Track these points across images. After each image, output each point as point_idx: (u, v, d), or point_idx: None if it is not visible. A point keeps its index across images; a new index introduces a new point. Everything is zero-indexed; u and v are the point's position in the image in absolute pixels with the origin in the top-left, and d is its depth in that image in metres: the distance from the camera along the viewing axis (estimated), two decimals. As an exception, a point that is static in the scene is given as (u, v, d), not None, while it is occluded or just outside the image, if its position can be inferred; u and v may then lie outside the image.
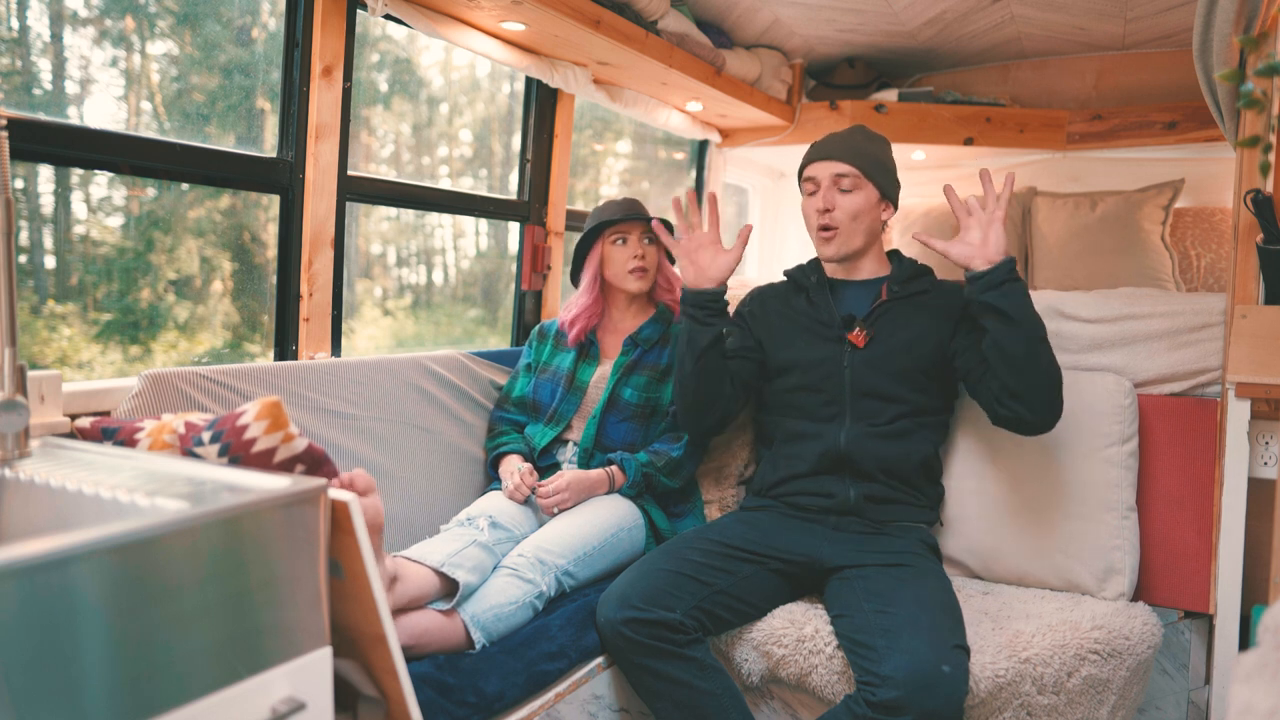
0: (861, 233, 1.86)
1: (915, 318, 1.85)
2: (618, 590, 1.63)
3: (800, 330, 1.91)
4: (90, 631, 0.73)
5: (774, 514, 1.86)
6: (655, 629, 1.56)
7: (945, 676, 1.40)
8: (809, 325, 1.90)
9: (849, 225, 1.85)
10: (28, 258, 1.75)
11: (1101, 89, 3.35)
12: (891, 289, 1.87)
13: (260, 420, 1.13)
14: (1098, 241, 3.06)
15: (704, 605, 1.62)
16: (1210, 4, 1.65)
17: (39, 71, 1.67)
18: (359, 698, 1.08)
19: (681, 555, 1.70)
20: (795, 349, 1.90)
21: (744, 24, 2.99)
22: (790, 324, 1.93)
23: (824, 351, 1.86)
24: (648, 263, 2.08)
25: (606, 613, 1.61)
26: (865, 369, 1.82)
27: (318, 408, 1.81)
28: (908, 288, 1.88)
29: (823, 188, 1.86)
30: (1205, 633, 1.85)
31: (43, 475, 1.01)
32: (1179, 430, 1.89)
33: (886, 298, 1.86)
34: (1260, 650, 0.60)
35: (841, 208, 1.84)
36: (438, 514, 1.98)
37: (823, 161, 1.87)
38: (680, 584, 1.63)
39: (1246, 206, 1.70)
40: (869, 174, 1.85)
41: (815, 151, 1.91)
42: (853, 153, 1.86)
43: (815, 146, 1.92)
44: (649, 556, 1.73)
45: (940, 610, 1.55)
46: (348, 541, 0.97)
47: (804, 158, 1.94)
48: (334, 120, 1.92)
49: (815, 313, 1.91)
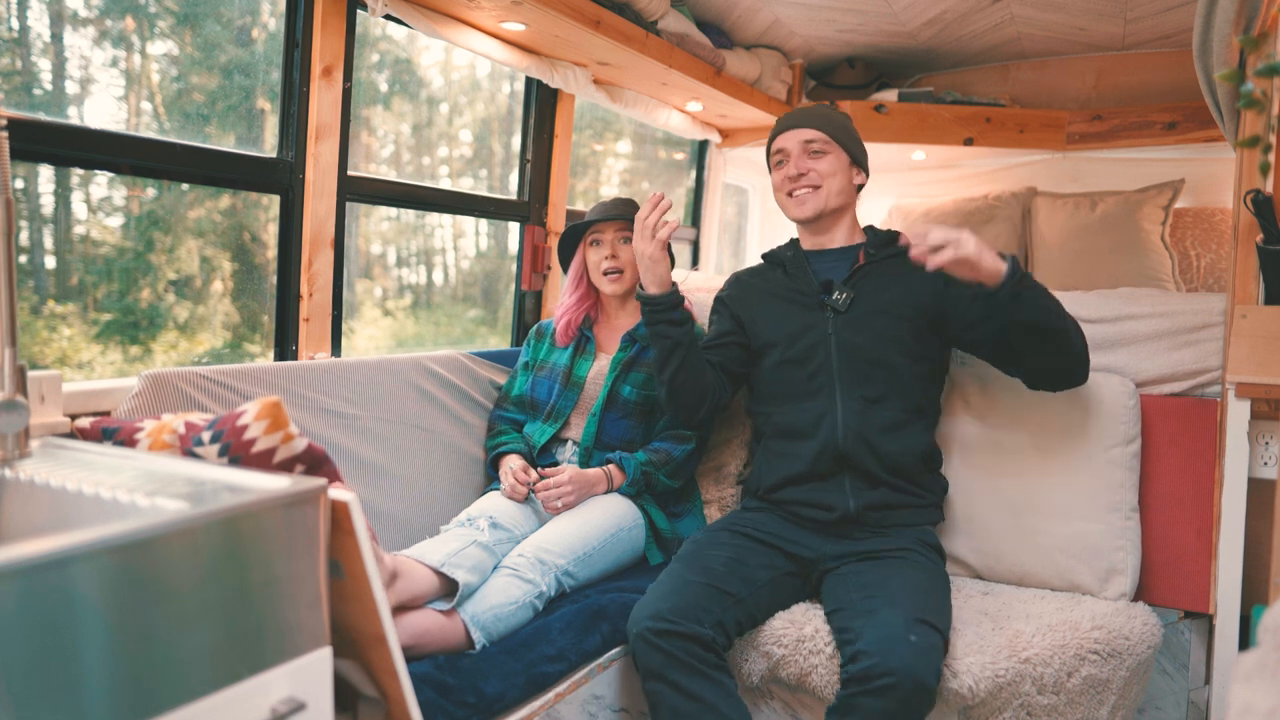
0: (836, 193, 1.88)
1: (895, 279, 1.85)
2: (650, 604, 1.59)
3: (780, 303, 1.91)
4: (90, 631, 0.73)
5: (774, 516, 1.85)
6: (688, 643, 1.53)
7: (911, 645, 1.41)
8: (788, 296, 1.91)
9: (826, 183, 1.87)
10: (28, 258, 1.75)
11: (1101, 89, 3.35)
12: (869, 253, 1.88)
13: (260, 420, 1.13)
14: (1098, 242, 3.06)
15: (727, 618, 1.60)
16: (1210, 4, 1.65)
17: (39, 71, 1.67)
18: (359, 698, 1.08)
19: (706, 565, 1.68)
20: (776, 323, 1.89)
21: (744, 24, 2.99)
22: (769, 299, 1.93)
23: (805, 320, 1.86)
24: (621, 261, 2.07)
25: (639, 626, 1.56)
26: (849, 332, 1.81)
27: (318, 408, 1.81)
28: (885, 251, 1.89)
29: (793, 155, 1.88)
30: (1205, 633, 1.85)
31: (43, 475, 1.01)
32: (1179, 430, 1.89)
33: (864, 261, 1.87)
34: (1260, 650, 0.60)
35: (815, 169, 1.87)
36: (437, 514, 1.98)
37: (790, 130, 1.90)
38: (709, 596, 1.60)
39: (1246, 207, 1.70)
40: (838, 139, 1.88)
41: (781, 124, 1.93)
42: (819, 120, 1.89)
43: (781, 120, 1.94)
44: (675, 568, 1.70)
45: (921, 592, 1.56)
46: (348, 541, 0.97)
47: (772, 133, 1.96)
48: (334, 120, 1.92)
49: (793, 283, 1.91)
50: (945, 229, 1.57)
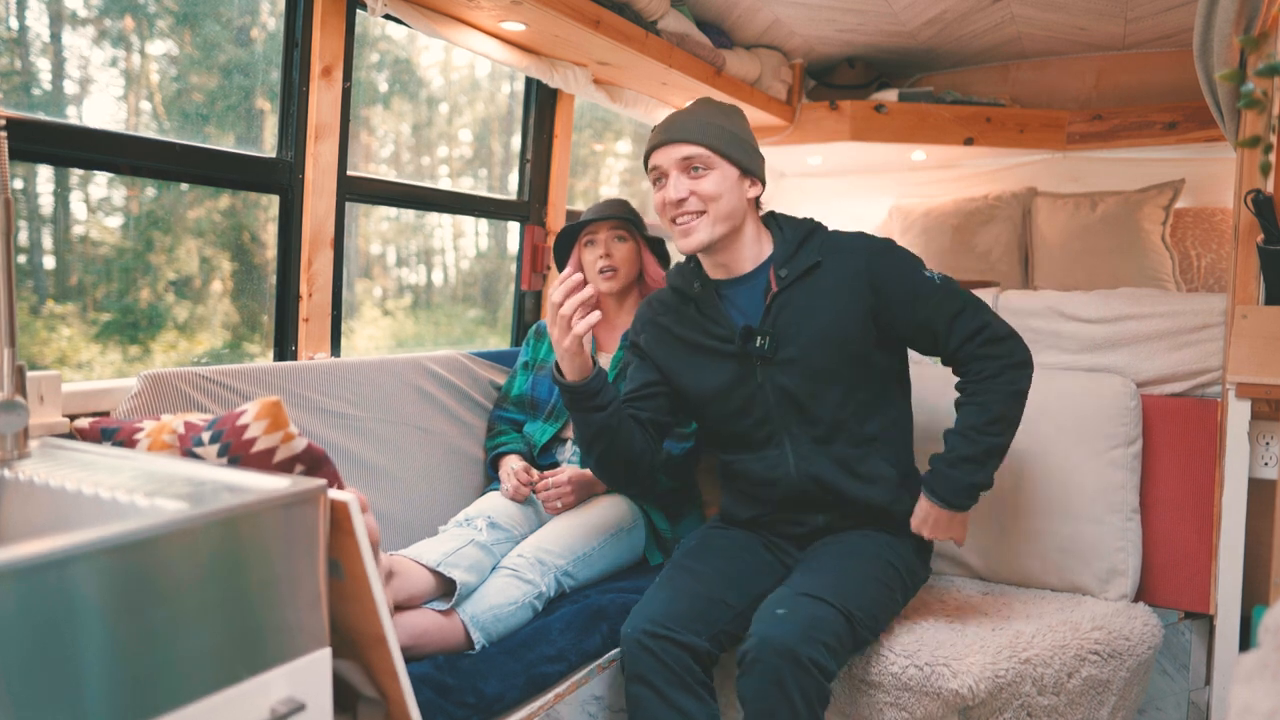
0: (724, 216, 1.62)
1: (817, 301, 1.63)
2: (649, 609, 1.56)
3: (702, 356, 1.71)
4: (90, 632, 0.73)
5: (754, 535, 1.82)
6: (682, 653, 1.51)
7: (777, 618, 1.43)
8: (709, 347, 1.70)
9: (711, 208, 1.61)
10: (27, 258, 1.75)
11: (1102, 89, 3.35)
12: (780, 276, 1.65)
13: (260, 420, 1.13)
14: (1098, 242, 3.06)
15: (723, 631, 1.58)
16: (1210, 4, 1.65)
17: (39, 71, 1.67)
18: (359, 698, 1.08)
19: (708, 570, 1.66)
20: (704, 377, 1.71)
21: (744, 24, 2.99)
22: (690, 351, 1.72)
23: (735, 372, 1.67)
24: (615, 260, 2.07)
25: (636, 629, 1.53)
26: (781, 377, 1.64)
27: (317, 408, 1.81)
28: (797, 265, 1.65)
29: (671, 176, 1.63)
30: (1206, 633, 1.85)
31: (42, 476, 1.01)
32: (1179, 431, 1.89)
33: (777, 288, 1.65)
34: (1261, 651, 0.60)
35: (698, 192, 1.61)
36: (437, 514, 1.98)
37: (666, 147, 1.63)
38: (709, 606, 1.58)
39: (1247, 207, 1.70)
40: (721, 150, 1.61)
41: (656, 135, 1.66)
42: (699, 130, 1.62)
43: (656, 130, 1.67)
44: (673, 574, 1.66)
45: (835, 575, 1.56)
46: (347, 542, 0.97)
47: (647, 145, 1.70)
48: (334, 120, 1.92)
49: (710, 326, 1.70)
50: (934, 527, 1.63)
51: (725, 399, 1.69)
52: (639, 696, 1.51)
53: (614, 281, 2.08)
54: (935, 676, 1.51)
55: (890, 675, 1.55)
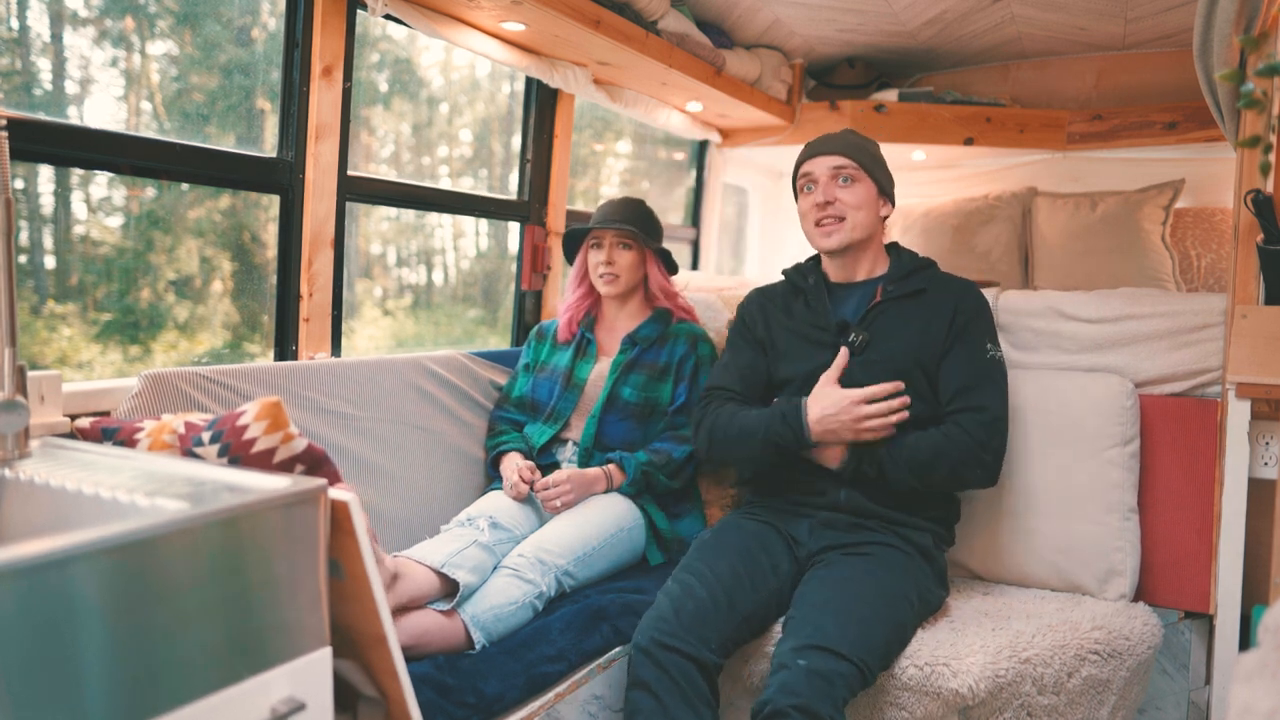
0: (862, 225, 1.83)
1: (912, 319, 1.80)
2: (660, 616, 1.57)
3: (799, 339, 1.88)
4: (90, 631, 0.73)
5: (771, 510, 1.85)
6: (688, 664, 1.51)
7: (798, 670, 1.42)
8: (807, 332, 1.87)
9: (852, 215, 1.82)
10: (28, 258, 1.75)
11: (1102, 89, 3.35)
12: (887, 289, 1.83)
13: (260, 420, 1.13)
14: (1098, 242, 3.06)
15: (729, 640, 1.59)
16: (1210, 4, 1.65)
17: (39, 71, 1.67)
18: (359, 698, 1.08)
19: (720, 571, 1.66)
20: (795, 361, 1.86)
21: (744, 24, 2.99)
22: (790, 333, 1.90)
23: (822, 360, 1.81)
24: (617, 268, 2.09)
25: (646, 636, 1.55)
26: (861, 375, 1.76)
27: (318, 408, 1.81)
28: (904, 286, 1.83)
29: (821, 182, 1.84)
30: (1205, 633, 1.85)
31: (43, 475, 1.01)
32: (1179, 431, 1.89)
33: (881, 299, 1.82)
34: (1260, 650, 0.60)
35: (843, 199, 1.82)
36: (438, 514, 1.98)
37: (820, 156, 1.86)
38: (719, 614, 1.59)
39: (1247, 207, 1.70)
40: (867, 168, 1.84)
41: (811, 149, 1.89)
42: (850, 147, 1.85)
43: (811, 145, 1.91)
44: (683, 577, 1.67)
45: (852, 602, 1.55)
46: (348, 542, 0.97)
47: (799, 156, 1.92)
48: (334, 120, 1.92)
49: (812, 318, 1.88)
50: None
51: (805, 383, 1.82)
52: (637, 701, 1.52)
53: (614, 286, 2.10)
54: (935, 676, 1.51)
55: (890, 675, 1.55)
